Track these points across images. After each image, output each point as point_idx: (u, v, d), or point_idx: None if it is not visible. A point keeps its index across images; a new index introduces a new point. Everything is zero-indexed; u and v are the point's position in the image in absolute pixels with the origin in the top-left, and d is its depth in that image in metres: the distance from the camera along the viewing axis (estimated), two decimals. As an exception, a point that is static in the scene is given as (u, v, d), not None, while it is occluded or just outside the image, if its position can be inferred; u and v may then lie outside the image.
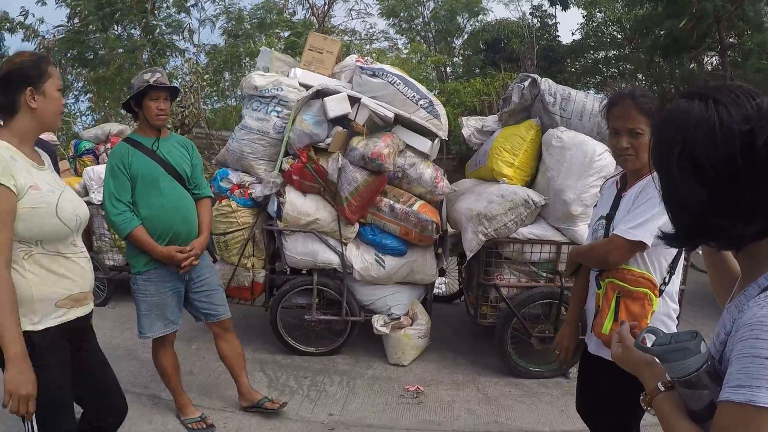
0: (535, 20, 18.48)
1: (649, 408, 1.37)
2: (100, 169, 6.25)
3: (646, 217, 2.23)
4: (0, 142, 2.20)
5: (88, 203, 6.23)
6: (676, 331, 2.48)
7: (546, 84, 4.66)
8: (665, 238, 1.27)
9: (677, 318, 2.53)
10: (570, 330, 2.78)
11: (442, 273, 5.64)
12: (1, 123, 2.34)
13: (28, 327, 2.21)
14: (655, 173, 2.37)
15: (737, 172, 1.07)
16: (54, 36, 14.25)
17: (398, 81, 4.67)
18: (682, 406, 1.26)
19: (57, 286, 2.34)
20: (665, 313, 2.41)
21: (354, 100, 4.56)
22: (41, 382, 2.19)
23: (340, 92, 4.55)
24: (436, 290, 5.73)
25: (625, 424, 2.47)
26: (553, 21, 19.17)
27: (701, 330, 4.03)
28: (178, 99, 4.12)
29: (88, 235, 6.52)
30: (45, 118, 2.34)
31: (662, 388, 1.31)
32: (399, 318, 4.81)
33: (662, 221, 2.17)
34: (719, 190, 1.09)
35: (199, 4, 14.59)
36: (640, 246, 2.29)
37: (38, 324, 2.27)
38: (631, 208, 2.34)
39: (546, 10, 18.99)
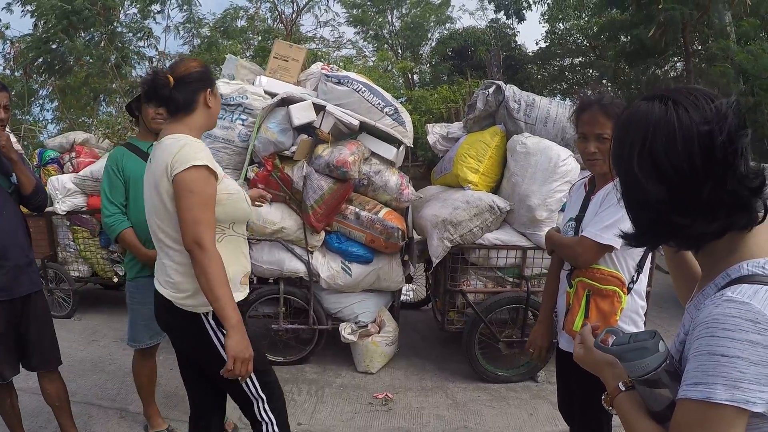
0: (493, 34, 18.75)
1: (610, 408, 1.38)
2: (65, 179, 6.17)
3: (614, 220, 2.26)
4: (187, 136, 2.39)
5: (53, 213, 6.16)
6: (643, 327, 2.53)
7: (510, 90, 4.69)
8: (626, 238, 1.28)
9: (645, 315, 2.58)
10: (543, 329, 2.80)
11: (409, 280, 5.66)
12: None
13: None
14: None
15: (696, 171, 1.09)
16: (20, 43, 14.06)
17: (363, 89, 4.67)
18: (643, 405, 1.27)
19: (240, 265, 2.54)
20: (634, 310, 2.47)
21: (319, 108, 4.55)
22: (259, 347, 2.48)
23: (305, 100, 4.53)
24: (403, 297, 5.73)
25: (597, 421, 2.50)
26: (512, 31, 19.53)
27: (667, 330, 4.11)
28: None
29: (52, 246, 6.42)
30: (213, 117, 2.58)
31: (623, 388, 1.33)
32: (366, 326, 4.80)
33: (629, 224, 2.25)
34: (679, 188, 1.11)
35: (165, 11, 14.49)
36: (609, 248, 2.35)
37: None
38: (599, 211, 2.39)
39: (504, 23, 19.40)
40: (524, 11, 17.98)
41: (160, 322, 2.61)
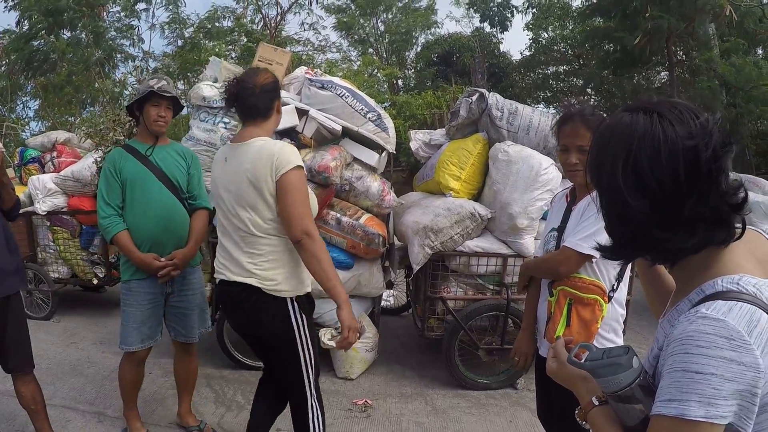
0: (476, 43, 18.88)
1: (584, 422, 1.38)
2: (46, 178, 6.13)
3: (594, 230, 2.29)
4: (272, 139, 2.77)
5: (33, 213, 6.11)
6: (623, 335, 2.56)
7: (493, 98, 4.71)
8: (603, 251, 1.29)
9: (624, 324, 2.61)
10: (527, 336, 2.81)
11: (389, 286, 5.65)
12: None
13: (305, 290, 2.86)
14: None
15: (680, 186, 1.09)
16: (2, 40, 13.94)
17: (347, 94, 4.67)
18: (617, 420, 1.27)
19: None
20: (614, 319, 2.49)
21: (302, 113, 4.55)
22: (312, 334, 2.87)
23: (287, 104, 4.52)
24: (383, 303, 5.73)
25: (577, 430, 2.51)
26: (496, 40, 19.67)
27: (645, 338, 4.14)
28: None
29: (32, 246, 6.36)
30: (278, 123, 2.95)
31: (596, 402, 1.33)
32: (347, 331, 4.78)
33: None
34: (661, 202, 1.11)
35: (151, 9, 14.41)
36: (589, 258, 2.37)
37: (306, 288, 2.86)
38: (580, 221, 2.42)
39: (487, 33, 19.57)
40: (508, 21, 18.16)
41: (233, 317, 2.96)
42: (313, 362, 2.88)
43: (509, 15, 18.21)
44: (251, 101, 2.74)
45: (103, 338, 5.80)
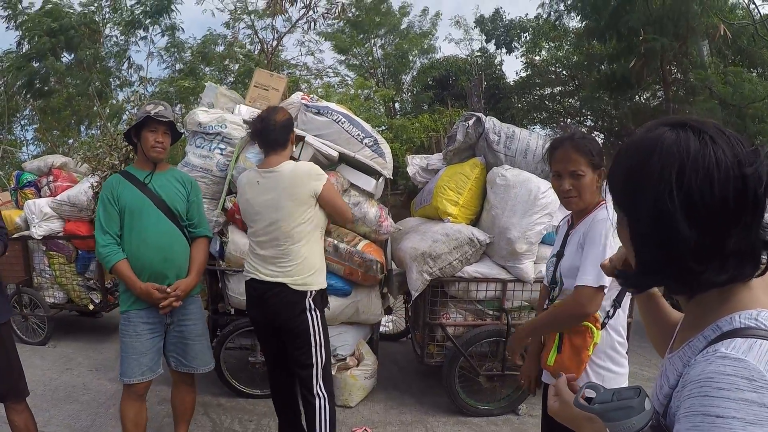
0: (480, 61, 18.96)
1: None
2: (42, 203, 6.11)
3: (600, 259, 2.23)
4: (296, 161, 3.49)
5: (29, 238, 6.08)
6: (624, 361, 2.49)
7: (490, 122, 4.70)
8: (623, 278, 1.24)
9: (626, 351, 2.53)
10: (533, 360, 2.74)
11: (388, 311, 5.61)
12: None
13: (322, 285, 3.49)
14: (602, 211, 2.36)
15: (728, 215, 1.03)
16: (2, 61, 14.00)
17: (343, 119, 4.66)
18: None
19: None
20: (610, 346, 2.43)
21: (299, 139, 4.53)
22: (325, 327, 3.50)
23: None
24: (382, 328, 5.68)
25: None
26: (498, 60, 19.77)
27: (648, 360, 4.09)
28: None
29: (27, 271, 6.33)
30: (293, 150, 3.67)
31: None
32: (345, 359, 4.74)
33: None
34: (706, 232, 1.04)
35: (149, 37, 14.49)
36: (603, 288, 2.31)
37: (322, 283, 3.50)
38: (584, 252, 2.36)
39: (491, 53, 19.68)
40: (514, 42, 18.23)
41: (258, 310, 3.51)
42: (323, 352, 3.43)
43: (516, 36, 18.24)
44: (273, 136, 3.39)
45: (98, 364, 5.75)
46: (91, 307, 6.23)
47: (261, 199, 3.36)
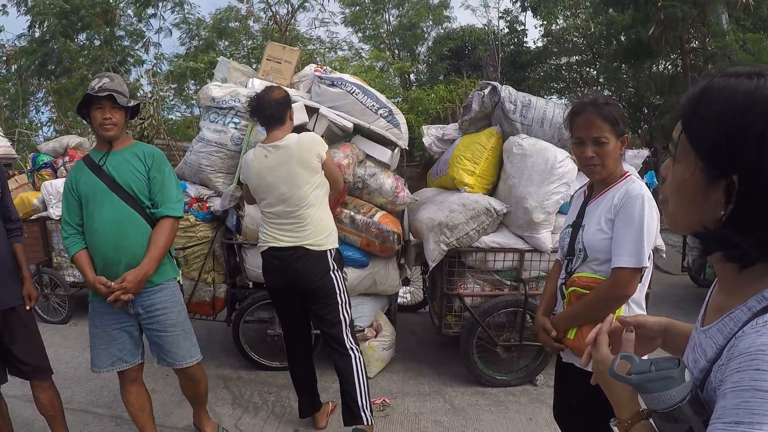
0: (503, 26, 18.65)
1: None
2: (59, 183, 6.14)
3: (639, 239, 2.21)
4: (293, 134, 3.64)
5: (47, 218, 6.13)
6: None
7: (506, 91, 4.64)
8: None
9: None
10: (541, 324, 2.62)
11: (406, 282, 5.61)
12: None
13: (336, 245, 3.69)
14: (635, 184, 2.27)
15: None
16: (15, 45, 14.04)
17: (357, 90, 4.62)
18: None
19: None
20: None
21: (312, 111, 4.51)
22: (346, 284, 3.76)
23: (297, 102, 4.48)
24: (400, 300, 5.68)
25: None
26: (522, 27, 19.41)
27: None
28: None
29: (47, 251, 6.38)
30: (292, 126, 3.75)
31: (645, 416, 1.20)
32: (363, 330, 4.75)
33: (649, 239, 2.24)
34: None
35: (159, 13, 14.47)
36: (643, 269, 2.26)
37: (335, 243, 3.68)
38: (620, 232, 2.27)
39: (516, 16, 19.27)
40: (539, 6, 17.83)
41: (279, 277, 3.63)
42: (349, 310, 3.67)
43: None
44: (269, 112, 3.56)
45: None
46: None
47: (272, 171, 3.52)
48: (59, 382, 3.53)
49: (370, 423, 3.56)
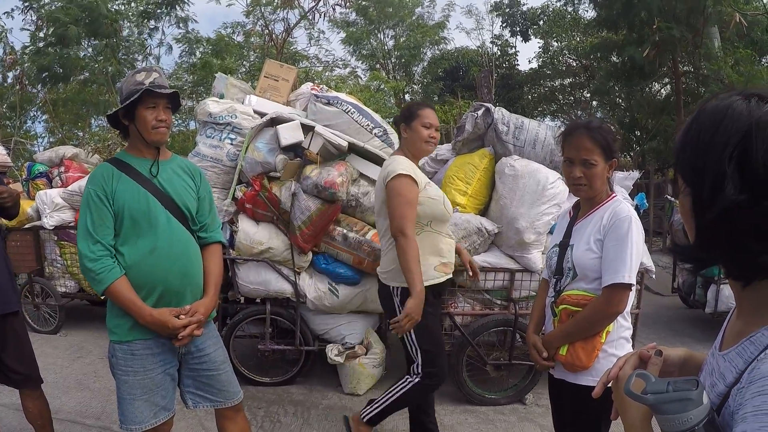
0: (495, 49, 18.87)
1: None
2: (53, 193, 6.17)
3: (629, 258, 2.28)
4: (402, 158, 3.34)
5: (40, 228, 6.14)
6: (632, 349, 2.49)
7: (499, 113, 4.71)
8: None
9: (633, 339, 2.56)
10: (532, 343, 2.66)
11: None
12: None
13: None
14: (623, 206, 2.33)
15: None
16: (23, 51, 14.04)
17: (352, 109, 4.68)
18: None
19: (437, 256, 3.34)
20: (621, 335, 2.45)
21: (308, 129, 4.55)
22: (430, 323, 3.31)
23: (293, 120, 4.53)
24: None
25: None
26: (513, 50, 19.66)
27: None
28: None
29: (39, 261, 6.39)
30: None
31: None
32: (353, 347, 4.76)
33: (638, 257, 2.32)
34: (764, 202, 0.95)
35: (160, 28, 14.56)
36: (632, 286, 2.32)
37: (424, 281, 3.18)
38: (609, 251, 2.33)
39: (507, 40, 19.57)
40: (531, 31, 18.15)
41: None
42: (416, 342, 3.29)
43: (534, 26, 18.15)
44: None
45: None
46: (102, 296, 6.29)
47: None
48: (48, 391, 3.53)
49: (363, 420, 3.49)
